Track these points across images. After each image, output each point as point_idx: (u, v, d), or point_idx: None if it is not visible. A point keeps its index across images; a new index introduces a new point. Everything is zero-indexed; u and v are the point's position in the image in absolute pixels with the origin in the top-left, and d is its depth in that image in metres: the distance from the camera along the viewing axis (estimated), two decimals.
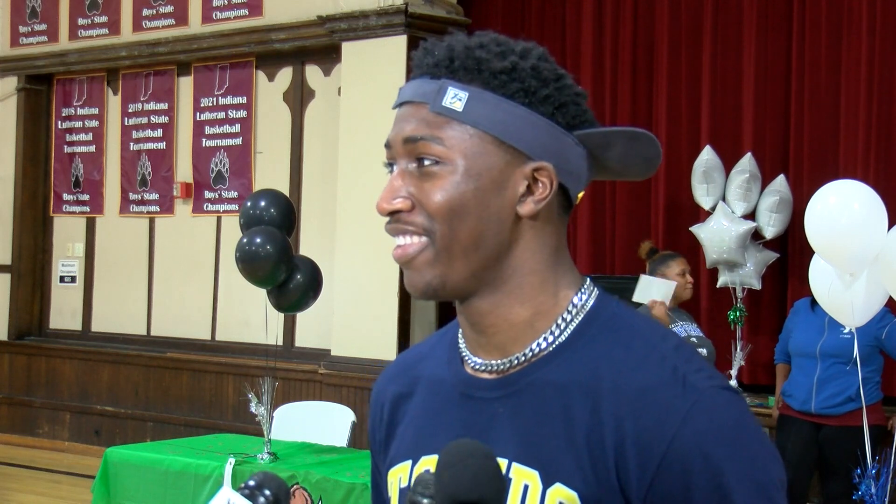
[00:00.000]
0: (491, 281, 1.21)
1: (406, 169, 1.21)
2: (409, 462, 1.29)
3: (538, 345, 1.22)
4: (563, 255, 1.25)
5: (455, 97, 1.19)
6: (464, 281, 1.20)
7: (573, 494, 1.15)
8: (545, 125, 1.20)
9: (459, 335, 1.30)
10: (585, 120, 1.23)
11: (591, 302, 1.23)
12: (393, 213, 1.21)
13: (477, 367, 1.25)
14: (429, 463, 1.25)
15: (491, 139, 1.19)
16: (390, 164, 1.23)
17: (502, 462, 1.19)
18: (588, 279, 1.26)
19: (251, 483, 1.23)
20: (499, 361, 1.23)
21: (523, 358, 1.22)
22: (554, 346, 1.21)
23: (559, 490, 1.15)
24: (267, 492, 1.22)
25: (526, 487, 1.18)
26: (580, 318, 1.22)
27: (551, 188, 1.20)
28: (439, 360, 1.32)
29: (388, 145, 1.23)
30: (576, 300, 1.23)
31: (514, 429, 1.20)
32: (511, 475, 1.18)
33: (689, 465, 1.11)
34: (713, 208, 6.18)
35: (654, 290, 5.36)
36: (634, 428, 1.13)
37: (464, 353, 1.27)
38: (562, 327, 1.22)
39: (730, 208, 6.13)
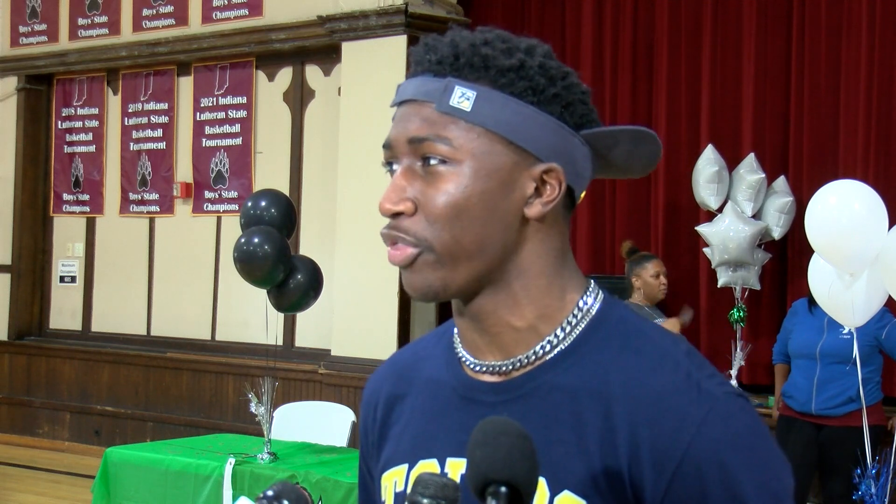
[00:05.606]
0: (495, 282, 1.17)
1: (411, 167, 1.16)
2: (406, 466, 1.25)
3: (542, 348, 1.18)
4: (568, 257, 1.21)
5: (463, 96, 1.14)
6: (466, 284, 1.16)
7: (582, 502, 1.11)
8: (554, 125, 1.16)
9: (455, 336, 1.26)
10: (592, 119, 1.20)
11: (596, 305, 1.20)
12: (395, 215, 1.16)
13: (477, 368, 1.21)
14: (426, 467, 1.22)
15: (499, 139, 1.14)
16: (389, 164, 1.19)
17: None
18: (592, 281, 1.23)
19: (269, 493, 1.19)
20: (500, 363, 1.19)
21: (526, 361, 1.18)
22: (558, 349, 1.18)
23: (567, 498, 1.12)
24: (286, 502, 1.18)
25: None
26: (586, 322, 1.19)
27: (560, 190, 1.17)
28: (437, 362, 1.27)
29: (387, 146, 1.18)
30: (581, 304, 1.19)
31: None
32: None
33: (704, 473, 1.08)
34: (720, 209, 6.18)
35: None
36: (650, 434, 1.10)
37: (461, 355, 1.23)
38: (566, 331, 1.18)
39: (739, 208, 6.13)
